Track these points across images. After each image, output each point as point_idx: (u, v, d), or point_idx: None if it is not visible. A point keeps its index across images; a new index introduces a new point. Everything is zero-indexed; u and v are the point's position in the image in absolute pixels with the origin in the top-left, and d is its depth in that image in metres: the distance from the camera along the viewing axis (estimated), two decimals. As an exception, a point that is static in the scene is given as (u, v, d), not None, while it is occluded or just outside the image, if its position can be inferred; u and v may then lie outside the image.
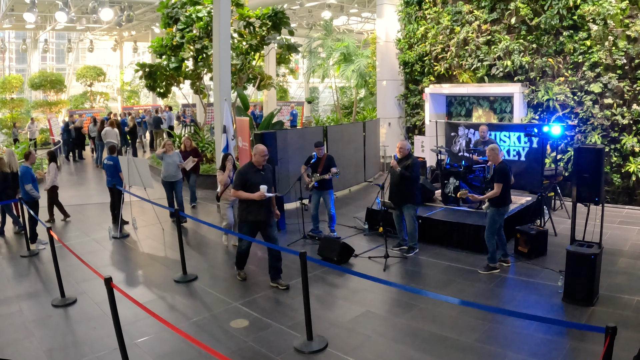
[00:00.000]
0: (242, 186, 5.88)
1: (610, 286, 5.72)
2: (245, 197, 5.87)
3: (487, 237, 6.37)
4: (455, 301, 4.15)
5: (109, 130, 15.46)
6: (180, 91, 17.58)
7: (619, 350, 3.63)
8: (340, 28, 26.33)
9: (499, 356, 4.37)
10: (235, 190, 5.94)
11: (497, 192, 6.21)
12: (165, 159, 9.03)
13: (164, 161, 9.02)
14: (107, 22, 20.87)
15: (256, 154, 6.01)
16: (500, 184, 6.20)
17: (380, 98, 14.90)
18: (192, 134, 16.91)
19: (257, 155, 5.99)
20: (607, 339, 2.91)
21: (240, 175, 5.94)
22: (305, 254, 4.53)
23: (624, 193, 9.72)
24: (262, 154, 5.97)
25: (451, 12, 12.24)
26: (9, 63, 31.71)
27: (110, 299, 3.99)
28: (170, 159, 9.02)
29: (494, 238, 6.36)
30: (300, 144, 9.92)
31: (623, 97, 9.43)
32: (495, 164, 6.43)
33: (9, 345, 4.77)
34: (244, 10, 13.49)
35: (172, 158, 9.03)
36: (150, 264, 7.22)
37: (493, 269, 6.42)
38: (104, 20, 18.44)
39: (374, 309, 5.50)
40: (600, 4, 9.41)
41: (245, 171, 5.97)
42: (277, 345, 4.68)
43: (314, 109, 31.72)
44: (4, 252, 7.84)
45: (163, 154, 9.07)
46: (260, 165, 6.00)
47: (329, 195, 7.93)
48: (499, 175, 6.26)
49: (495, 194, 6.23)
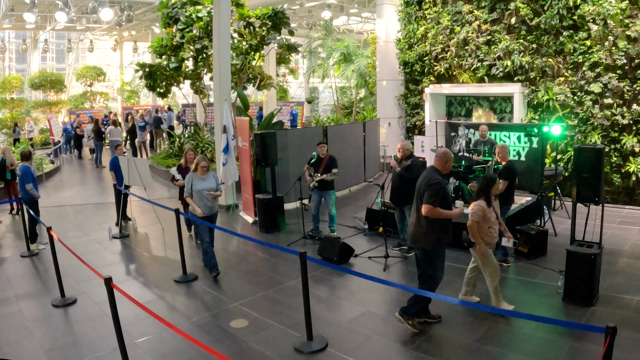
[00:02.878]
0: (441, 202, 4.60)
1: (610, 286, 5.72)
2: (445, 215, 4.63)
3: None
4: (455, 301, 4.15)
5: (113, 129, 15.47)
6: (180, 91, 17.57)
7: (619, 350, 3.63)
8: (340, 28, 26.33)
9: (499, 356, 4.37)
10: (432, 207, 4.56)
11: (501, 189, 6.25)
12: (197, 183, 6.45)
13: (196, 188, 6.42)
14: (107, 22, 20.86)
15: (447, 160, 4.81)
16: (507, 182, 6.29)
17: (380, 98, 14.90)
18: (192, 134, 16.90)
19: (449, 160, 4.83)
20: (607, 339, 2.91)
21: (440, 187, 4.62)
22: (305, 254, 4.53)
23: (624, 193, 9.72)
24: (450, 159, 4.83)
25: (451, 12, 12.24)
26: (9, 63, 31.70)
27: (110, 299, 3.99)
28: (206, 183, 6.51)
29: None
30: (300, 144, 9.92)
31: (623, 97, 9.43)
32: (504, 162, 6.56)
33: (9, 345, 4.77)
34: (244, 10, 13.48)
35: (208, 183, 6.53)
36: (150, 264, 7.22)
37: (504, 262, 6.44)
38: (104, 20, 18.44)
39: (374, 309, 5.50)
40: (600, 4, 9.41)
41: (440, 181, 4.67)
42: (277, 345, 4.68)
43: (314, 109, 31.71)
44: (3, 252, 7.83)
45: (193, 176, 6.49)
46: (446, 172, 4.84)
47: (330, 195, 7.93)
48: (507, 173, 6.38)
49: (500, 190, 6.25)
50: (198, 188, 6.45)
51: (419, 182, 4.84)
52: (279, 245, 7.44)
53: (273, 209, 8.62)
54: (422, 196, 4.68)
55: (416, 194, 4.84)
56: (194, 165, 6.62)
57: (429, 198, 4.60)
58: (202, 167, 6.56)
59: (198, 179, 6.52)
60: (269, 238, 8.21)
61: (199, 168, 6.59)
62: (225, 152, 9.53)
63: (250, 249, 7.82)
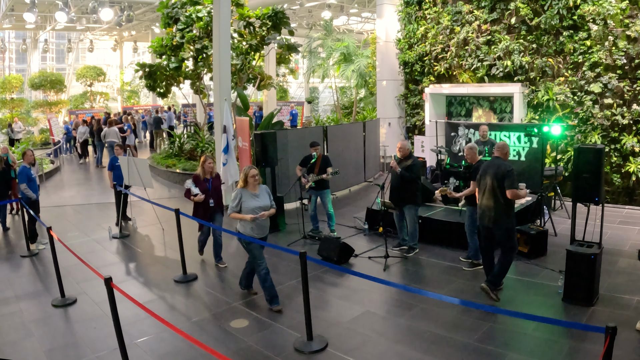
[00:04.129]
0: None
1: (610, 286, 5.72)
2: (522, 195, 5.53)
3: (469, 234, 6.47)
4: (455, 301, 4.15)
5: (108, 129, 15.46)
6: (180, 91, 17.58)
7: (619, 350, 3.63)
8: (340, 28, 26.33)
9: (499, 356, 4.37)
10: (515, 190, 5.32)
11: (473, 190, 6.25)
12: (249, 200, 5.32)
13: (248, 206, 5.29)
14: (107, 22, 20.88)
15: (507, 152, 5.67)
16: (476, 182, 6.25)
17: (380, 98, 14.90)
18: (192, 134, 16.90)
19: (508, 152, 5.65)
20: (607, 339, 2.90)
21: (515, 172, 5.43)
22: (305, 254, 4.53)
23: (624, 193, 9.72)
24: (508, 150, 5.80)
25: (451, 12, 12.24)
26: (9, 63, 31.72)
27: (110, 299, 3.99)
28: (260, 200, 5.39)
29: (475, 235, 6.42)
30: (300, 144, 9.91)
31: (623, 97, 9.43)
32: (472, 162, 6.42)
33: (9, 345, 4.77)
34: (244, 10, 13.49)
35: (262, 200, 5.41)
36: (150, 264, 7.22)
37: (477, 265, 6.46)
38: (104, 20, 18.46)
39: (374, 309, 5.49)
40: (600, 4, 9.41)
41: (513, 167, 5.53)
42: (277, 345, 4.68)
43: (314, 109, 31.71)
44: (4, 252, 7.84)
45: (242, 192, 5.35)
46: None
47: (325, 195, 7.93)
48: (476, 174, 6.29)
49: (471, 191, 6.28)
50: (251, 207, 5.27)
51: (489, 171, 5.51)
52: (279, 245, 7.44)
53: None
54: (500, 183, 5.36)
55: (491, 182, 5.45)
56: (243, 176, 5.39)
57: (512, 183, 5.32)
58: (254, 179, 5.36)
59: (249, 195, 5.33)
60: (269, 238, 8.18)
61: (249, 180, 5.34)
62: (226, 152, 9.53)
63: (250, 249, 7.81)
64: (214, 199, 6.77)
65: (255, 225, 5.33)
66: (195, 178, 6.77)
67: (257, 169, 5.45)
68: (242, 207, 5.28)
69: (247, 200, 5.30)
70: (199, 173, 6.79)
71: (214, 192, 6.77)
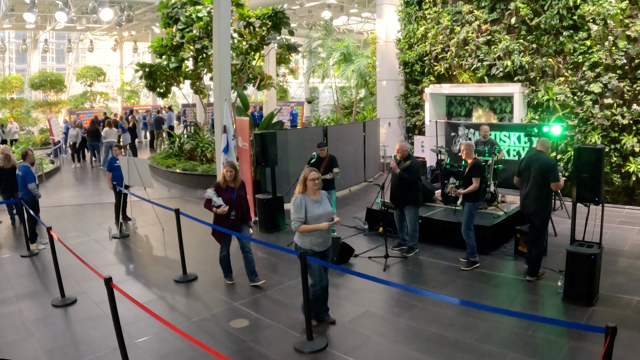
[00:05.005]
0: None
1: (610, 286, 5.72)
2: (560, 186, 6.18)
3: (465, 233, 6.49)
4: (455, 301, 4.15)
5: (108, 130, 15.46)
6: (180, 91, 17.58)
7: (619, 350, 3.63)
8: (340, 28, 26.33)
9: (499, 356, 4.37)
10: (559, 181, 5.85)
11: (477, 186, 6.36)
12: (312, 208, 4.72)
13: (313, 215, 4.70)
14: (107, 22, 20.88)
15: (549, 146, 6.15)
16: (479, 178, 6.36)
17: (380, 98, 14.90)
18: (192, 134, 16.90)
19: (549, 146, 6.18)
20: (607, 339, 2.91)
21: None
22: (305, 253, 4.53)
23: (624, 193, 9.72)
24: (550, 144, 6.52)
25: (451, 12, 12.24)
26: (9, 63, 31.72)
27: (110, 299, 3.99)
28: (322, 207, 4.80)
29: (472, 231, 6.46)
30: (300, 144, 9.92)
31: (623, 97, 9.43)
32: (469, 160, 6.55)
33: (9, 345, 4.77)
34: (244, 10, 13.49)
35: (324, 206, 4.82)
36: (150, 264, 7.22)
37: (474, 264, 6.47)
38: (104, 20, 18.46)
39: (374, 309, 5.50)
40: (600, 4, 9.41)
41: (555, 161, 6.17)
42: (277, 345, 4.68)
43: (314, 109, 31.72)
44: (4, 252, 7.83)
45: (304, 199, 4.73)
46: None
47: (330, 195, 7.92)
48: (477, 170, 6.41)
49: (475, 187, 6.37)
50: (315, 215, 4.67)
51: (534, 165, 5.90)
52: (279, 245, 7.44)
53: (273, 209, 8.62)
54: (544, 176, 5.80)
55: (535, 174, 5.86)
56: (302, 180, 4.71)
57: (557, 176, 5.80)
58: (314, 183, 4.69)
59: (311, 201, 4.72)
60: (269, 238, 8.22)
61: (308, 184, 4.70)
62: (226, 152, 9.52)
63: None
64: (238, 211, 5.99)
65: (318, 238, 4.72)
66: (217, 187, 5.98)
67: (317, 171, 4.82)
68: (307, 217, 4.66)
69: (311, 208, 4.67)
70: (220, 182, 6.02)
71: (238, 203, 5.99)
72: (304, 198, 4.70)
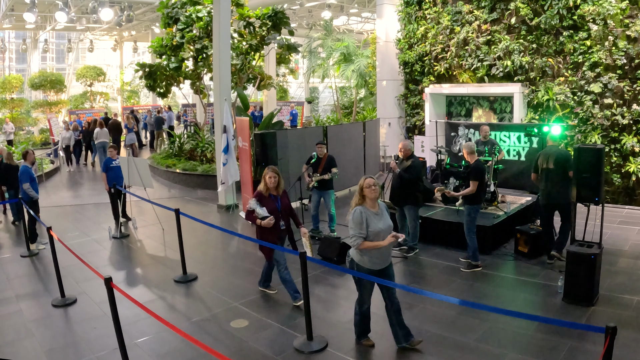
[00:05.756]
0: None
1: (610, 286, 5.71)
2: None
3: (468, 235, 6.46)
4: (455, 301, 4.15)
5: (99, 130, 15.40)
6: (180, 91, 17.57)
7: (619, 350, 3.63)
8: (340, 28, 26.33)
9: (499, 356, 4.37)
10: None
11: (473, 190, 6.30)
12: (373, 222, 4.18)
13: (374, 229, 4.16)
14: (107, 22, 20.87)
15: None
16: (476, 182, 6.29)
17: (380, 98, 14.90)
18: (192, 134, 16.90)
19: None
20: (607, 339, 2.90)
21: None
22: (305, 253, 4.54)
23: (624, 193, 9.72)
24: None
25: (451, 12, 12.24)
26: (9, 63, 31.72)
27: (110, 299, 3.99)
28: (383, 220, 4.27)
29: (474, 235, 6.42)
30: (300, 144, 9.92)
31: (623, 97, 9.43)
32: (470, 161, 6.52)
33: (9, 345, 4.77)
34: (244, 10, 13.49)
35: (385, 219, 4.29)
36: (150, 264, 7.22)
37: (475, 267, 6.45)
38: (104, 20, 18.45)
39: (374, 309, 5.47)
40: (600, 4, 9.41)
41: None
42: (277, 345, 4.68)
43: (314, 109, 31.71)
44: (4, 252, 7.84)
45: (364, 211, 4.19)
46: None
47: (329, 195, 7.93)
48: (476, 173, 6.34)
49: (471, 191, 6.32)
50: (376, 229, 4.15)
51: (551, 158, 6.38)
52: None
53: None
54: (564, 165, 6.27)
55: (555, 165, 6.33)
56: (359, 189, 4.21)
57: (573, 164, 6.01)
58: (371, 191, 4.16)
59: (372, 214, 4.19)
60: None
61: (366, 193, 4.18)
62: (226, 152, 9.53)
63: (250, 249, 7.81)
64: (286, 221, 5.47)
65: (379, 255, 4.21)
66: (258, 196, 5.36)
67: (374, 178, 4.25)
68: (369, 231, 4.14)
69: (372, 221, 4.15)
70: (261, 190, 5.42)
71: (284, 212, 5.47)
72: (365, 211, 4.18)
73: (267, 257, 5.53)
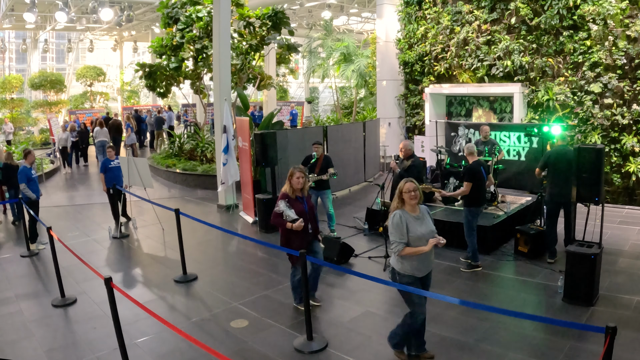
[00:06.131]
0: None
1: (610, 286, 5.72)
2: None
3: (468, 236, 6.46)
4: (455, 301, 4.14)
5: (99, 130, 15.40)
6: (180, 91, 17.57)
7: (619, 350, 3.63)
8: (340, 28, 26.33)
9: (499, 356, 4.37)
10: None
11: (465, 191, 6.29)
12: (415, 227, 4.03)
13: (415, 234, 4.01)
14: (107, 22, 20.87)
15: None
16: (470, 183, 6.28)
17: (380, 98, 14.90)
18: (192, 134, 16.90)
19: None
20: (607, 339, 2.90)
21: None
22: (305, 253, 4.53)
23: (624, 193, 9.72)
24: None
25: (451, 12, 12.24)
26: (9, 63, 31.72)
27: (110, 299, 3.99)
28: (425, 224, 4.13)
29: (474, 236, 6.42)
30: (300, 144, 9.92)
31: (623, 97, 9.43)
32: (468, 162, 6.54)
33: (9, 345, 4.77)
34: (244, 10, 13.49)
35: (427, 223, 4.15)
36: (150, 264, 7.22)
37: (475, 267, 6.45)
38: (104, 20, 18.45)
39: (373, 309, 5.49)
40: (600, 4, 9.41)
41: None
42: (277, 345, 4.68)
43: (314, 109, 31.72)
44: (4, 252, 7.84)
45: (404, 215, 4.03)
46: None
47: (326, 195, 7.93)
48: (468, 175, 6.35)
49: (464, 192, 6.31)
50: (418, 234, 3.98)
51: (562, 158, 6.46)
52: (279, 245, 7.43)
53: (273, 208, 8.58)
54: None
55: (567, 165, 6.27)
56: (398, 193, 4.02)
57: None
58: (411, 196, 3.97)
59: (411, 218, 4.02)
60: (269, 238, 8.21)
61: (405, 198, 3.99)
62: (226, 152, 9.53)
63: (250, 249, 7.82)
64: (313, 223, 5.23)
65: (421, 261, 4.03)
66: (284, 197, 5.12)
67: (414, 182, 4.06)
68: (409, 236, 3.97)
69: (413, 226, 3.98)
70: (286, 191, 5.14)
71: (311, 215, 5.17)
72: (404, 214, 4.01)
73: (295, 262, 5.22)
